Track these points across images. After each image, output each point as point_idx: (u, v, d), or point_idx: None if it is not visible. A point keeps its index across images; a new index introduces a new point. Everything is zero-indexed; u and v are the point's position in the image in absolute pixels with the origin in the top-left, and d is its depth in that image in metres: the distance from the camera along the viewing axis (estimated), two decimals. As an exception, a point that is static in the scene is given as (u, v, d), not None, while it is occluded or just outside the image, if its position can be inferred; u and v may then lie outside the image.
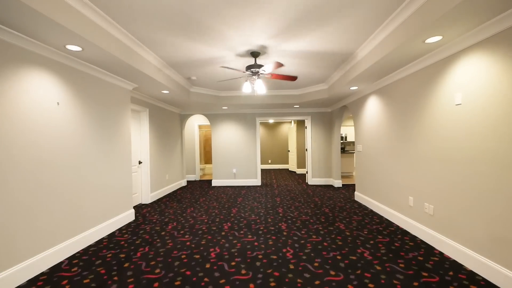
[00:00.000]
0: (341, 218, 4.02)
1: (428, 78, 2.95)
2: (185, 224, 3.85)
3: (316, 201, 5.20)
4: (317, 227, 3.60)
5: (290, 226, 3.67)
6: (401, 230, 3.44)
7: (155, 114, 5.66)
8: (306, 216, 4.16)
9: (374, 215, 4.16)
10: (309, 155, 7.23)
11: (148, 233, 3.49)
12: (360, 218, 4.01)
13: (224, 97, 6.11)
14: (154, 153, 5.58)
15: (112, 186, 3.63)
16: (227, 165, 7.39)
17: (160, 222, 3.95)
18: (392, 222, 3.78)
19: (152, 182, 5.44)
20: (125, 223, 3.91)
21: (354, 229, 3.49)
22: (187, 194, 6.16)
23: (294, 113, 7.24)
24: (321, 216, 4.12)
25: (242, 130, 7.34)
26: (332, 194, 5.81)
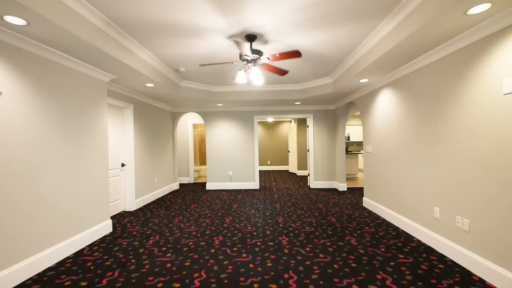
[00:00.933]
0: (351, 230, 3.48)
1: (464, 63, 2.41)
2: (169, 238, 3.30)
3: (320, 207, 4.66)
4: (324, 242, 3.05)
5: (292, 240, 3.13)
6: (425, 246, 2.89)
7: (142, 111, 5.10)
8: (310, 227, 3.61)
9: (388, 225, 3.62)
10: (311, 156, 6.69)
11: (124, 250, 2.94)
12: (372, 229, 3.47)
13: (218, 92, 5.56)
14: (140, 155, 5.03)
15: (82, 195, 3.08)
16: (223, 167, 6.84)
17: (141, 235, 3.40)
18: (411, 235, 3.24)
19: (137, 186, 4.88)
20: (99, 236, 3.35)
21: (368, 245, 2.95)
22: (178, 199, 5.60)
23: (295, 110, 6.70)
24: (327, 227, 3.58)
25: (239, 129, 6.79)
26: (338, 200, 5.26)
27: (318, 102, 6.05)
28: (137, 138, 4.92)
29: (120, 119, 4.61)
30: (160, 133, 6.03)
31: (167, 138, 6.47)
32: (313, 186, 6.69)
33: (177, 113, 6.85)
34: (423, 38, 2.42)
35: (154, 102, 5.59)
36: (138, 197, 4.91)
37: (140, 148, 5.04)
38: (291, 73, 4.63)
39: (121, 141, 4.63)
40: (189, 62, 3.96)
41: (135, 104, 4.85)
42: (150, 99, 5.35)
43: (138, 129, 4.97)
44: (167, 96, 5.14)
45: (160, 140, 6.03)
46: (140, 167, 5.02)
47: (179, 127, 7.98)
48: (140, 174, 5.01)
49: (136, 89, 4.45)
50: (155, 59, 3.75)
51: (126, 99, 4.56)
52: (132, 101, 4.73)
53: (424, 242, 2.99)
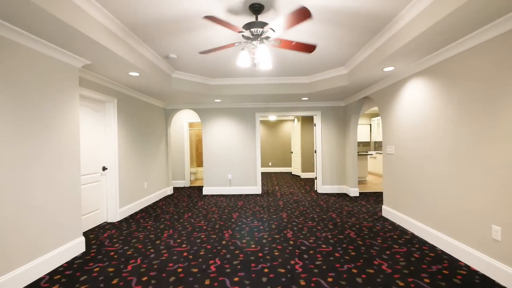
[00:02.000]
0: (378, 249, 2.84)
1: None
2: (154, 261, 2.65)
3: (334, 218, 4.02)
4: (349, 269, 2.41)
5: (307, 266, 2.49)
6: (481, 276, 2.26)
7: (128, 107, 4.45)
8: (327, 244, 2.98)
9: (421, 243, 2.98)
10: (318, 158, 6.06)
11: (93, 280, 2.29)
12: (404, 249, 2.83)
13: (216, 86, 4.92)
14: (126, 156, 4.37)
15: (42, 208, 2.42)
16: (221, 170, 6.19)
17: (119, 257, 2.75)
18: (455, 258, 2.61)
19: (122, 193, 4.22)
20: (67, 259, 2.70)
21: (407, 273, 2.31)
22: (170, 206, 4.95)
23: (301, 107, 6.07)
24: (347, 245, 2.94)
25: (239, 128, 6.15)
26: (352, 208, 4.63)
27: (327, 97, 5.42)
28: (122, 137, 4.26)
29: (101, 115, 3.95)
30: (151, 132, 5.38)
31: (160, 138, 5.82)
32: (321, 191, 6.06)
33: (171, 110, 6.20)
34: (492, 2, 1.79)
35: (143, 96, 4.94)
36: (123, 206, 4.25)
37: (126, 149, 4.39)
38: (299, 64, 4.00)
39: (102, 140, 3.98)
40: (180, 47, 3.32)
41: (120, 98, 4.20)
42: (138, 92, 4.69)
43: (123, 127, 4.31)
44: (157, 89, 4.49)
45: (151, 140, 5.39)
46: (126, 170, 4.36)
47: (173, 126, 7.33)
48: (126, 179, 4.36)
49: (119, 80, 3.80)
50: (139, 41, 3.11)
51: (108, 92, 3.90)
52: (115, 94, 4.08)
53: (476, 269, 2.36)
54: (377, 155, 8.59)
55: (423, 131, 3.13)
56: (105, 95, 3.82)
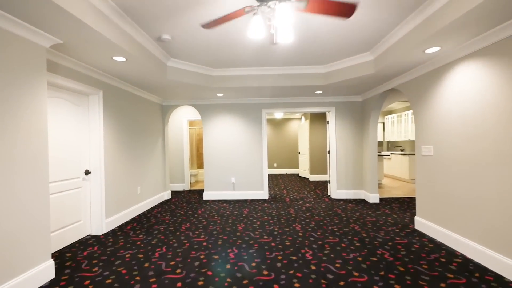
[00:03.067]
0: (429, 280, 2.20)
1: None
2: (138, 295, 2.04)
3: (358, 231, 3.39)
4: (399, 312, 1.79)
5: (341, 305, 1.87)
6: None
7: (117, 101, 3.85)
8: (360, 271, 2.35)
9: (482, 271, 2.35)
10: (332, 159, 5.43)
11: (52, 329, 1.68)
12: (463, 280, 2.20)
13: (218, 77, 4.30)
14: (115, 158, 3.77)
15: (-12, 229, 1.82)
16: (224, 173, 5.58)
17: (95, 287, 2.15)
18: (533, 293, 1.98)
19: (108, 201, 3.62)
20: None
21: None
22: (167, 215, 4.35)
23: (313, 103, 5.44)
24: (387, 273, 2.31)
25: (244, 126, 5.54)
26: (375, 217, 4.00)
27: (343, 91, 4.79)
28: (109, 136, 3.66)
29: (83, 110, 3.35)
30: (146, 130, 4.78)
31: (156, 137, 5.22)
32: (335, 196, 5.43)
33: (168, 106, 5.60)
34: None
35: (135, 89, 4.33)
36: (110, 215, 3.65)
37: (114, 150, 3.78)
38: (318, 48, 3.38)
39: (84, 140, 3.38)
40: (176, 27, 2.71)
41: (107, 90, 3.59)
42: (129, 84, 4.09)
43: (111, 124, 3.71)
44: (150, 80, 3.88)
45: (146, 140, 4.78)
46: (114, 174, 3.76)
47: (171, 124, 6.73)
48: (114, 184, 3.76)
49: (103, 67, 3.19)
50: (123, 16, 2.50)
51: (92, 82, 3.30)
52: (101, 85, 3.48)
53: None
54: (392, 156, 7.94)
55: (479, 128, 2.49)
56: (88, 86, 3.22)
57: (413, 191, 5.96)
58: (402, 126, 8.05)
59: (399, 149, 8.75)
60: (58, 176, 2.94)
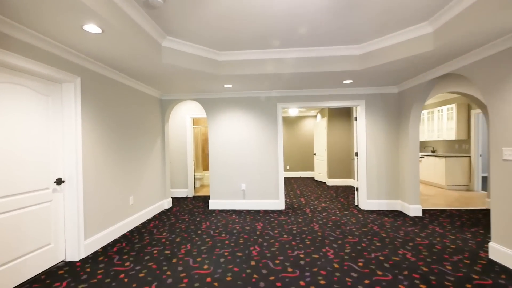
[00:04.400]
0: None
1: None
2: None
3: (413, 261, 2.53)
4: None
5: None
6: None
7: (102, 91, 3.10)
8: None
9: None
10: (361, 162, 4.57)
11: None
12: None
13: (227, 63, 3.51)
14: (98, 162, 3.03)
15: None
16: (232, 178, 4.79)
17: None
18: None
19: (89, 217, 2.87)
20: None
21: None
22: (164, 231, 3.58)
23: (338, 96, 4.59)
24: None
25: (256, 124, 4.74)
26: (428, 240, 3.12)
27: (378, 79, 3.93)
28: (91, 135, 2.92)
29: (54, 103, 2.61)
30: (141, 128, 4.03)
31: (154, 137, 4.47)
32: (365, 207, 4.56)
33: (168, 101, 4.85)
34: None
35: (126, 79, 3.58)
36: (91, 235, 2.90)
37: (98, 152, 3.03)
38: (350, 24, 2.55)
39: (56, 140, 2.63)
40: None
41: (87, 78, 2.85)
42: (116, 72, 3.34)
43: (93, 120, 2.97)
44: (141, 65, 3.12)
45: (141, 139, 4.04)
46: (97, 182, 3.01)
47: (173, 122, 5.98)
48: (97, 195, 3.01)
49: (76, 43, 2.44)
50: (91, -39, 1.73)
51: (65, 65, 2.56)
52: (78, 70, 2.73)
53: None
54: (423, 158, 6.98)
55: None
56: (60, 71, 2.48)
57: (457, 201, 5.03)
58: (434, 124, 7.08)
59: (429, 150, 7.78)
60: (21, 188, 2.20)
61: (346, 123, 7.10)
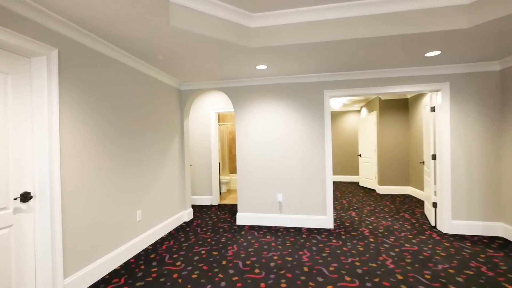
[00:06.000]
0: None
1: None
2: None
3: None
4: None
5: None
6: None
7: (95, 72, 2.29)
8: None
9: None
10: (443, 169, 3.32)
11: None
12: None
13: (261, 30, 2.52)
14: (85, 167, 2.21)
15: None
16: (265, 187, 3.81)
17: None
18: None
19: (71, 245, 2.06)
20: None
21: None
22: (179, 257, 2.70)
23: (408, 78, 3.39)
24: None
25: (296, 118, 3.71)
26: None
27: (476, 51, 2.70)
28: (72, 129, 2.11)
29: (17, 84, 1.82)
30: (152, 123, 3.21)
31: (171, 135, 3.64)
32: (449, 230, 3.31)
33: (188, 91, 4.00)
34: None
35: (129, 58, 2.74)
36: (75, 270, 2.08)
37: (84, 153, 2.22)
38: None
39: (22, 138, 1.85)
40: None
41: (68, 51, 2.03)
42: (111, 45, 2.51)
43: (77, 108, 2.16)
44: (140, 30, 2.25)
45: (152, 137, 3.22)
46: (83, 196, 2.20)
47: (195, 118, 5.16)
48: (83, 213, 2.19)
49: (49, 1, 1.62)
50: None
51: (37, 32, 1.75)
52: (55, 41, 1.92)
53: None
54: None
55: None
56: (27, 39, 1.68)
57: None
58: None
59: None
60: None
61: (402, 118, 5.78)
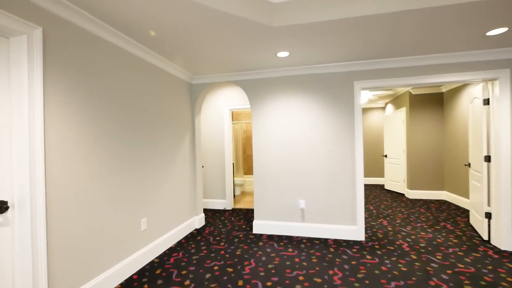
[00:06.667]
0: None
1: None
2: None
3: None
4: None
5: None
6: None
7: (90, 58, 1.94)
8: None
9: None
10: (502, 172, 2.76)
11: None
12: None
13: (284, 6, 2.10)
14: (77, 170, 1.87)
15: None
16: (286, 192, 3.37)
17: None
18: None
19: (59, 264, 1.71)
20: None
21: None
22: (189, 273, 2.32)
23: (454, 65, 2.86)
24: None
25: (321, 114, 3.25)
26: None
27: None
28: (61, 123, 1.77)
29: None
30: (160, 120, 2.85)
31: (180, 133, 3.29)
32: (509, 247, 2.75)
33: (200, 86, 3.64)
34: None
35: (136, 47, 2.39)
36: (65, 293, 1.75)
37: (74, 153, 1.88)
38: None
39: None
40: None
41: (55, 31, 1.69)
42: (108, 27, 2.16)
43: (67, 99, 1.82)
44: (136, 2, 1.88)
45: (159, 135, 2.87)
46: (73, 205, 1.85)
47: (207, 115, 4.80)
48: (75, 225, 1.85)
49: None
50: None
51: (17, 8, 1.43)
52: (39, 18, 1.58)
53: None
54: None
55: None
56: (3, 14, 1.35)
57: None
58: None
59: None
60: None
61: (436, 114, 5.18)
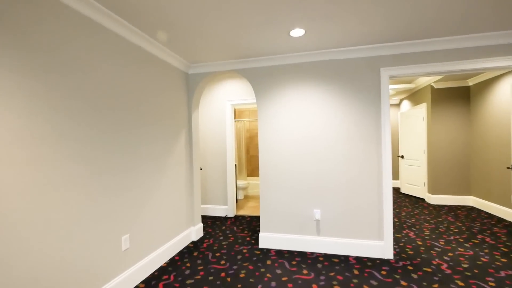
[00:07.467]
0: None
1: None
2: None
3: None
4: None
5: None
6: None
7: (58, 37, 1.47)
8: None
9: None
10: None
11: None
12: None
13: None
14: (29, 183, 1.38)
15: None
16: (298, 199, 2.87)
17: None
18: None
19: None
20: None
21: None
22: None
23: (494, 48, 2.35)
24: None
25: (340, 108, 2.75)
26: None
27: None
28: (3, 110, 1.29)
29: None
30: (147, 113, 2.37)
31: (174, 130, 2.80)
32: None
33: (198, 75, 3.15)
34: None
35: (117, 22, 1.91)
36: None
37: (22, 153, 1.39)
38: None
39: None
40: None
41: None
42: None
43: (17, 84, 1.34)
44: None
45: (146, 132, 2.38)
46: (25, 226, 1.36)
47: (207, 112, 4.30)
48: (24, 255, 1.36)
49: None
50: None
51: None
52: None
53: None
54: None
55: None
56: None
57: None
58: None
59: None
60: None
61: (462, 111, 4.66)
